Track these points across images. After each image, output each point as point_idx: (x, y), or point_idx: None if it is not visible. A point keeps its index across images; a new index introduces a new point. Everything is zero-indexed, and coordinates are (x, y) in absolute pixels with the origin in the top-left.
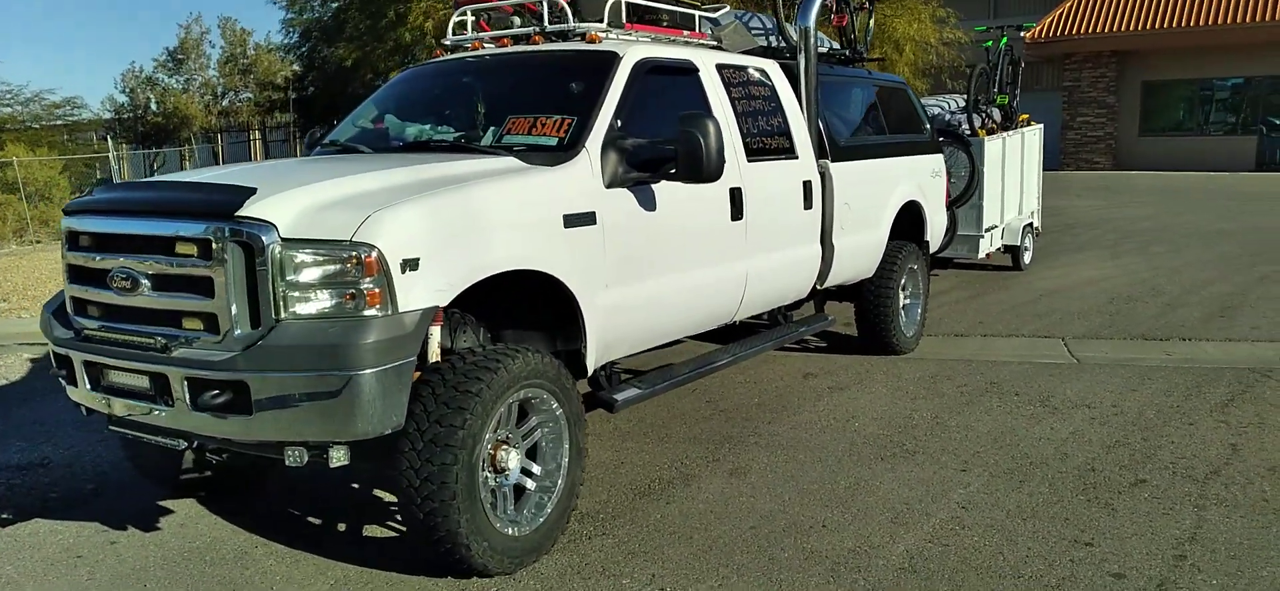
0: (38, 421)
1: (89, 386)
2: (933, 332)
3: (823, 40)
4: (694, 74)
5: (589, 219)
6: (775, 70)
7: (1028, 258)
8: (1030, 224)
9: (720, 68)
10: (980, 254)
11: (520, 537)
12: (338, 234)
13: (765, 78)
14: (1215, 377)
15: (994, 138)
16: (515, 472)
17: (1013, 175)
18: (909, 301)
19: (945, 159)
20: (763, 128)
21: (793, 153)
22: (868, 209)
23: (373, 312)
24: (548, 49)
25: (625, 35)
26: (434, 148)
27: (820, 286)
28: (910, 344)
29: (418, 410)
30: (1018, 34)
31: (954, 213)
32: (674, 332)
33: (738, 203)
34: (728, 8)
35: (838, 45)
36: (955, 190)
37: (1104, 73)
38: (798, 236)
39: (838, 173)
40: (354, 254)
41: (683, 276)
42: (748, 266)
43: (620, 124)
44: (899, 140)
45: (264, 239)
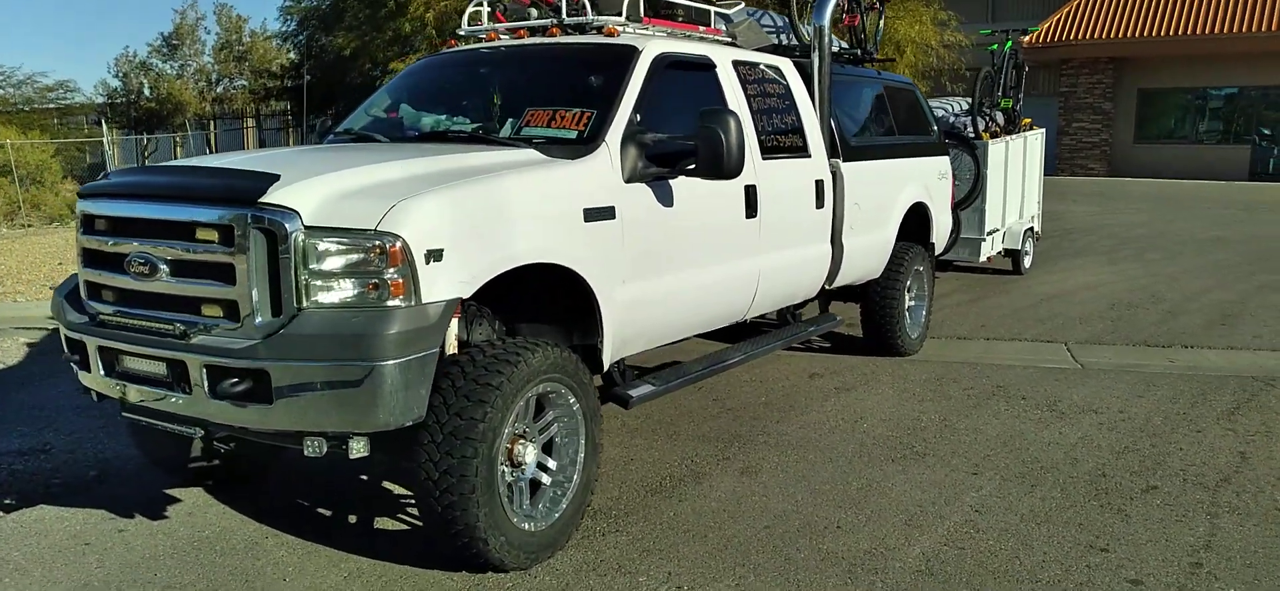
0: (37, 406)
1: (103, 372)
2: (935, 335)
3: (833, 40)
4: (711, 70)
5: (609, 213)
6: (789, 68)
7: (1028, 262)
8: (1031, 228)
9: (736, 64)
10: (981, 257)
11: (536, 532)
12: (362, 223)
13: (779, 75)
14: (1220, 385)
15: (997, 141)
16: (531, 467)
17: (1015, 179)
18: (914, 303)
19: (950, 161)
20: (777, 125)
21: (805, 151)
22: (877, 209)
23: (396, 303)
24: (566, 41)
25: (642, 29)
26: (452, 138)
27: (829, 286)
28: (915, 346)
29: (437, 402)
30: (1020, 37)
31: (958, 215)
32: (687, 329)
33: (752, 200)
34: (742, 5)
35: (846, 45)
36: (960, 193)
37: (1101, 79)
38: (809, 235)
39: (848, 172)
40: (378, 243)
41: (698, 273)
42: (760, 264)
43: (639, 118)
44: (907, 141)
45: (287, 226)
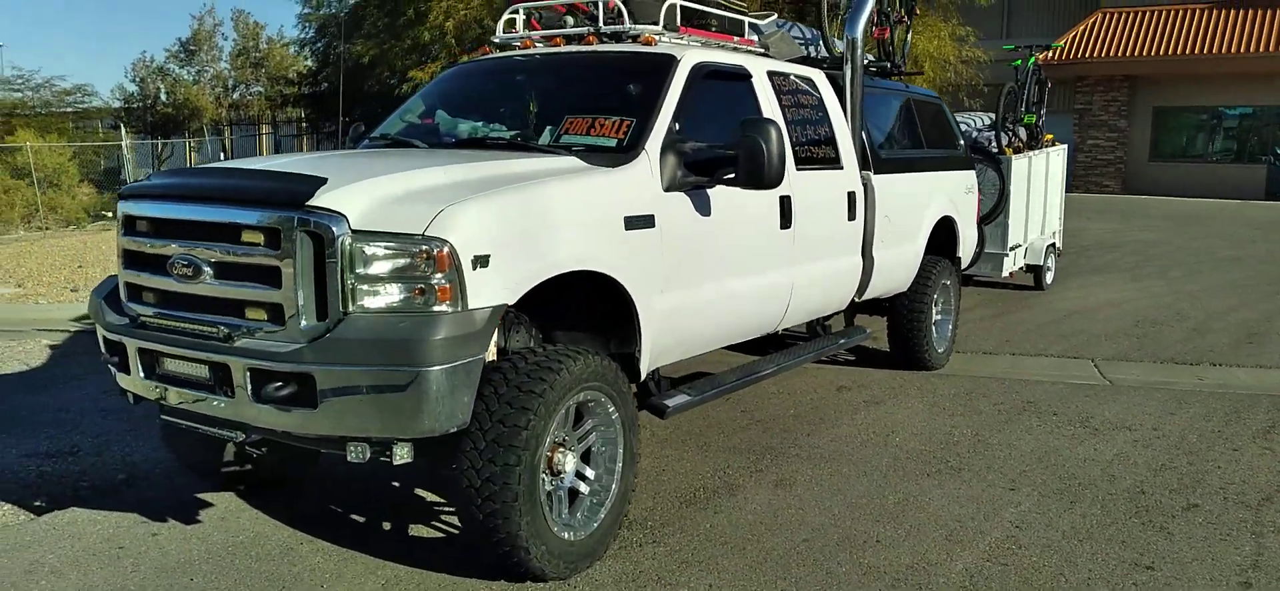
0: (62, 408)
1: (143, 374)
2: (960, 350)
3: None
4: (747, 80)
5: (648, 222)
6: (821, 79)
7: (1050, 278)
8: (1053, 244)
9: (771, 75)
10: (1004, 272)
11: (576, 542)
12: (409, 228)
13: (812, 87)
14: (1252, 404)
15: (1021, 156)
16: (570, 476)
17: (1037, 194)
18: (940, 317)
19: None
20: (810, 137)
21: (838, 163)
22: (906, 222)
23: (443, 309)
24: (604, 50)
25: (678, 38)
26: (490, 145)
27: (858, 299)
28: (941, 360)
29: (480, 409)
30: (1041, 53)
31: (982, 230)
32: (721, 340)
33: (787, 211)
34: (775, 16)
35: (873, 58)
36: (984, 207)
37: (1116, 96)
38: (841, 247)
39: (879, 185)
40: (425, 248)
41: (733, 283)
42: (794, 275)
43: (677, 127)
44: (935, 155)
45: (334, 230)
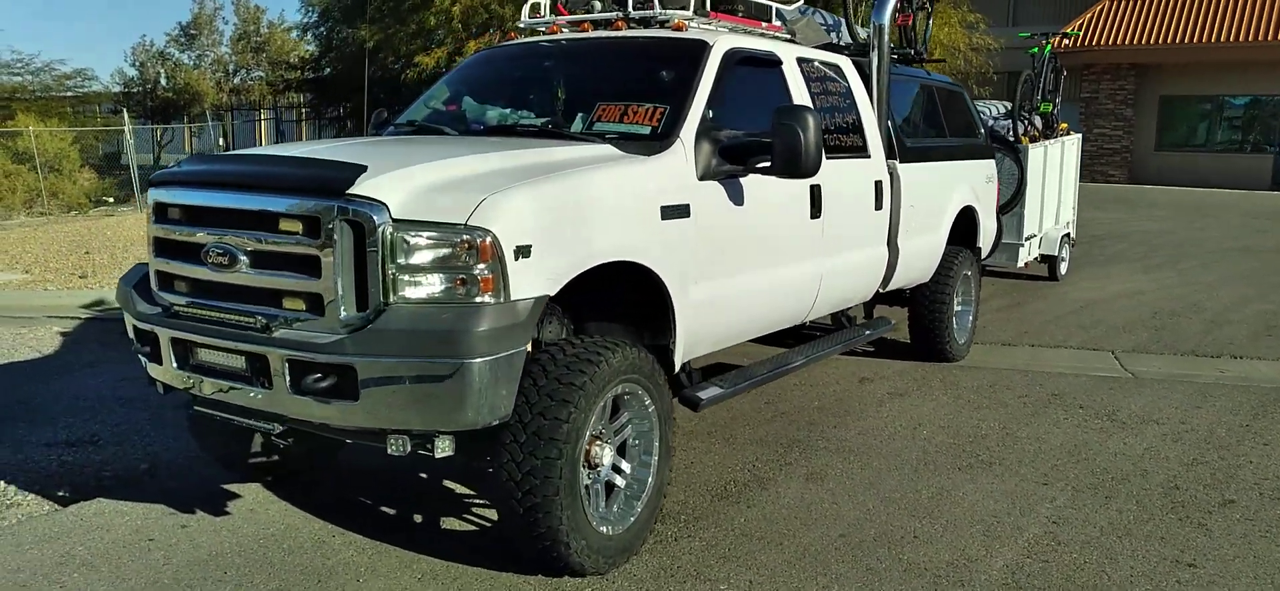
0: (79, 396)
1: (175, 364)
2: (979, 341)
3: None
4: (778, 67)
5: (683, 211)
6: (848, 67)
7: (1064, 268)
8: (1067, 234)
9: (800, 61)
10: (1019, 262)
11: (614, 536)
12: (452, 217)
13: (840, 74)
14: (1277, 398)
15: (1037, 145)
16: (607, 470)
17: (1052, 184)
18: (961, 308)
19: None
20: (839, 124)
21: (865, 151)
22: (930, 212)
23: (485, 299)
24: (634, 35)
25: (706, 23)
26: (521, 132)
27: (882, 290)
28: (962, 351)
29: (520, 402)
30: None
31: (1000, 220)
32: (752, 331)
33: (817, 200)
34: (801, 1)
35: (895, 45)
36: (1003, 197)
37: (1123, 85)
38: (868, 237)
39: (904, 174)
40: (468, 238)
41: (765, 273)
42: (823, 266)
43: (711, 114)
44: (958, 144)
45: (375, 219)
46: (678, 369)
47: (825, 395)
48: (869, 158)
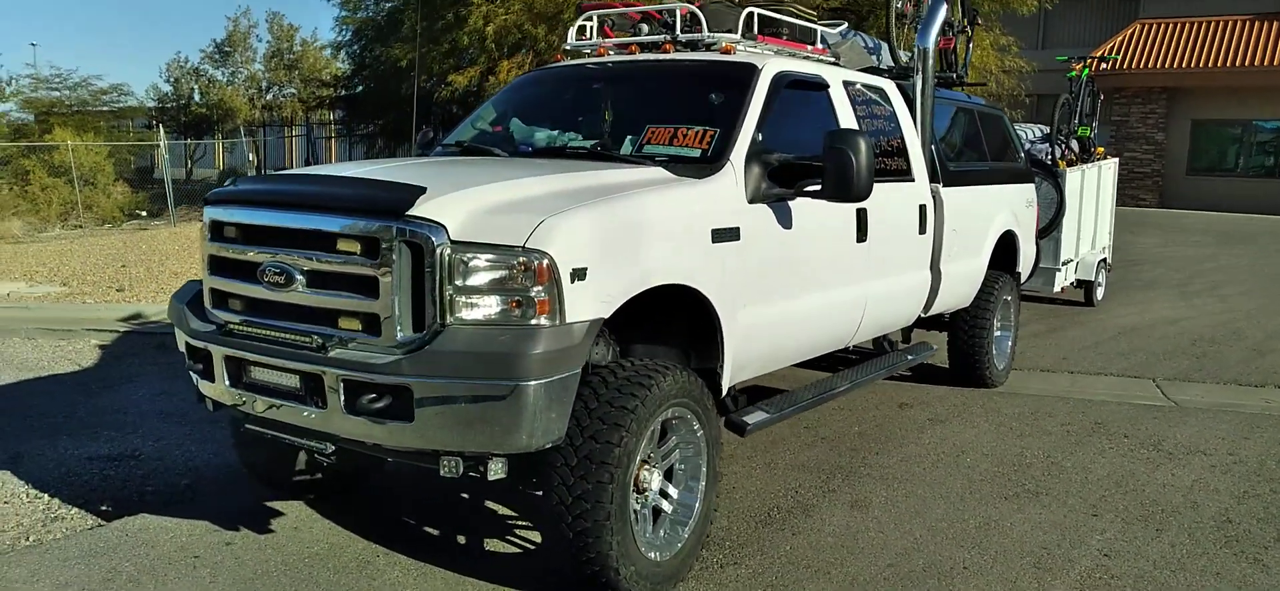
0: (119, 410)
1: (228, 382)
2: (1017, 367)
3: None
4: (824, 90)
5: (734, 234)
6: (893, 90)
7: (1100, 293)
8: (1104, 259)
9: (846, 85)
10: (1055, 287)
11: (662, 563)
12: (510, 239)
13: (884, 97)
14: None
15: (1075, 169)
16: (655, 495)
17: (1089, 208)
18: (1001, 333)
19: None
20: (884, 148)
21: (909, 175)
22: (971, 236)
23: (541, 322)
24: (683, 57)
25: (753, 47)
26: (571, 154)
27: (924, 314)
28: (1001, 377)
29: (571, 425)
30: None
31: (1038, 244)
32: (798, 356)
33: (863, 224)
34: (845, 24)
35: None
36: (1041, 221)
37: (1154, 109)
38: (912, 261)
39: (947, 198)
40: (525, 260)
41: (812, 297)
42: (868, 290)
43: (761, 137)
44: (999, 168)
45: (434, 240)
46: (725, 393)
47: (865, 420)
48: (913, 181)
